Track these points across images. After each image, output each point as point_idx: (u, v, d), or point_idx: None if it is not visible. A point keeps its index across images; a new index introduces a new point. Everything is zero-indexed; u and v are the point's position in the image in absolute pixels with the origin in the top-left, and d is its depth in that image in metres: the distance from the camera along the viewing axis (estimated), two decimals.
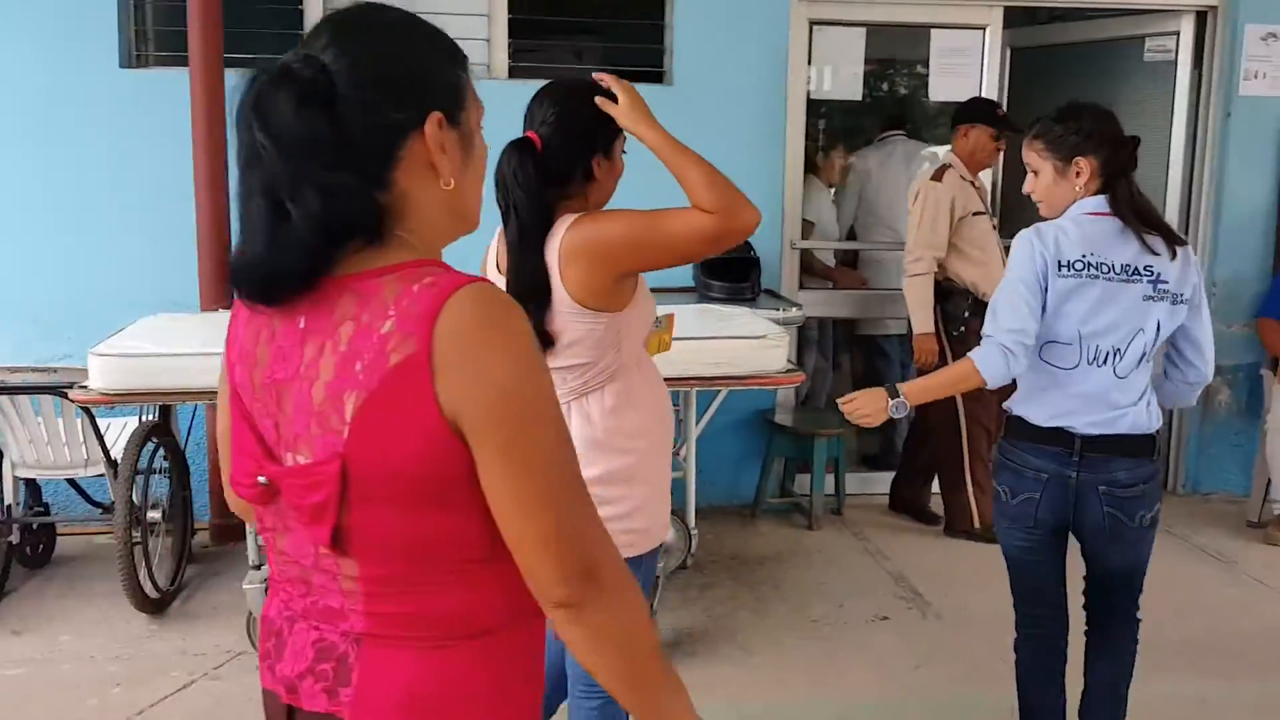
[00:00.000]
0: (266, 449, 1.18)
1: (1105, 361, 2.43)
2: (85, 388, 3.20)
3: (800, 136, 4.96)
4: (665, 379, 3.41)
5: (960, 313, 4.46)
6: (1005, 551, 2.67)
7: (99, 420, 3.81)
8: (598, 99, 2.03)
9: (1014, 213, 4.81)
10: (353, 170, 1.10)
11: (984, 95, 4.94)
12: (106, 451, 3.79)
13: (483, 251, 2.31)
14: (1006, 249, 4.49)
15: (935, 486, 4.83)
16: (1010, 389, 2.61)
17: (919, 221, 4.44)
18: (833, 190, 5.83)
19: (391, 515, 1.11)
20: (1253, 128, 5.11)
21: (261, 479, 1.17)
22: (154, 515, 3.85)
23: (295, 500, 1.14)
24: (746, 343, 3.46)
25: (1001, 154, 4.69)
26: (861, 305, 5.36)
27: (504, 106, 4.76)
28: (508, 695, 1.20)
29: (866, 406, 2.55)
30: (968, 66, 5.06)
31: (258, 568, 3.35)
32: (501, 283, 2.03)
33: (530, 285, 1.97)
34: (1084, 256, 2.42)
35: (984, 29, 5.05)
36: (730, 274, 4.53)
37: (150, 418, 3.93)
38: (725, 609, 3.91)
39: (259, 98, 1.09)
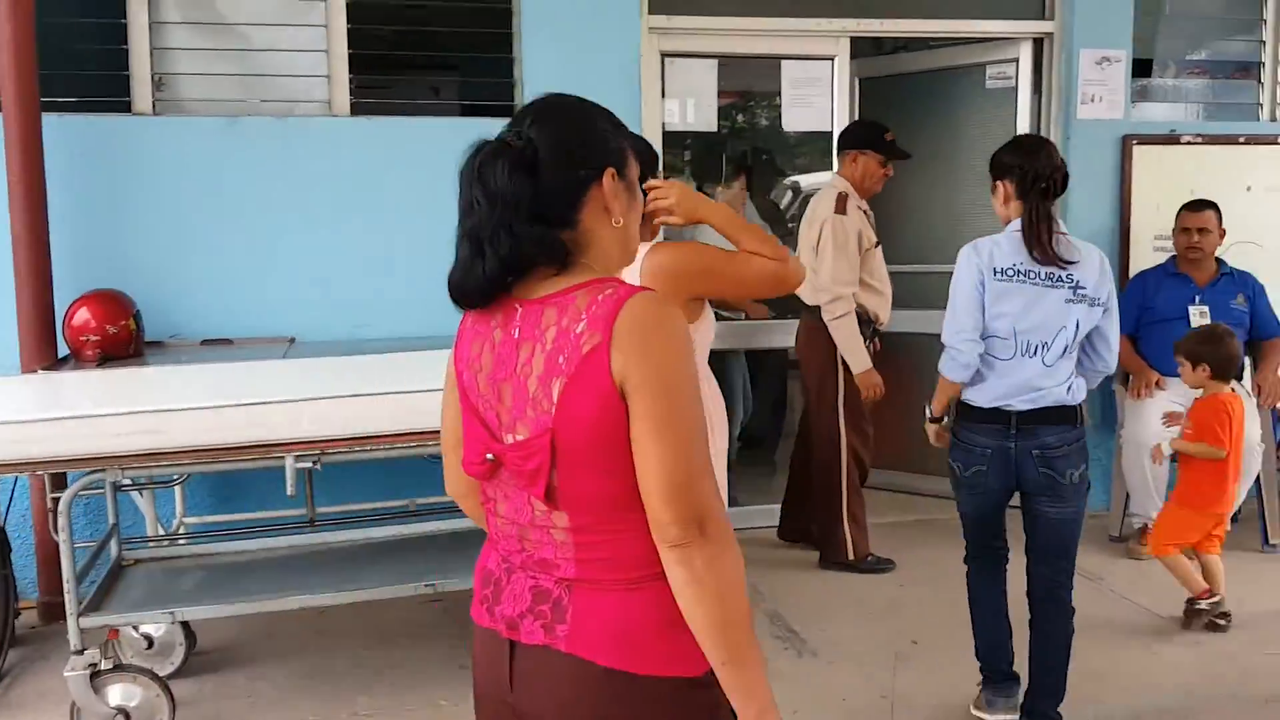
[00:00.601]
0: (491, 433, 1.53)
1: (1035, 353, 2.99)
2: None
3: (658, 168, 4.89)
4: None
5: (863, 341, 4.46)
6: (960, 509, 3.24)
7: None
8: (651, 204, 2.35)
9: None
10: (545, 219, 1.47)
11: (830, 123, 4.99)
12: None
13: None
14: None
15: None
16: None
17: (831, 259, 4.37)
18: None
19: (587, 473, 1.44)
20: (1092, 150, 5.25)
21: (489, 456, 1.52)
22: None
23: (516, 468, 1.48)
24: None
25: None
26: (731, 335, 5.29)
27: (348, 144, 4.61)
28: (683, 625, 1.43)
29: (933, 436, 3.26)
30: (818, 97, 5.08)
31: (80, 652, 3.06)
32: None
33: None
34: (1014, 265, 2.98)
35: (832, 59, 5.09)
36: None
37: None
38: None
39: (481, 165, 1.48)
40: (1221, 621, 3.93)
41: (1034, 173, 2.98)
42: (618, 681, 1.44)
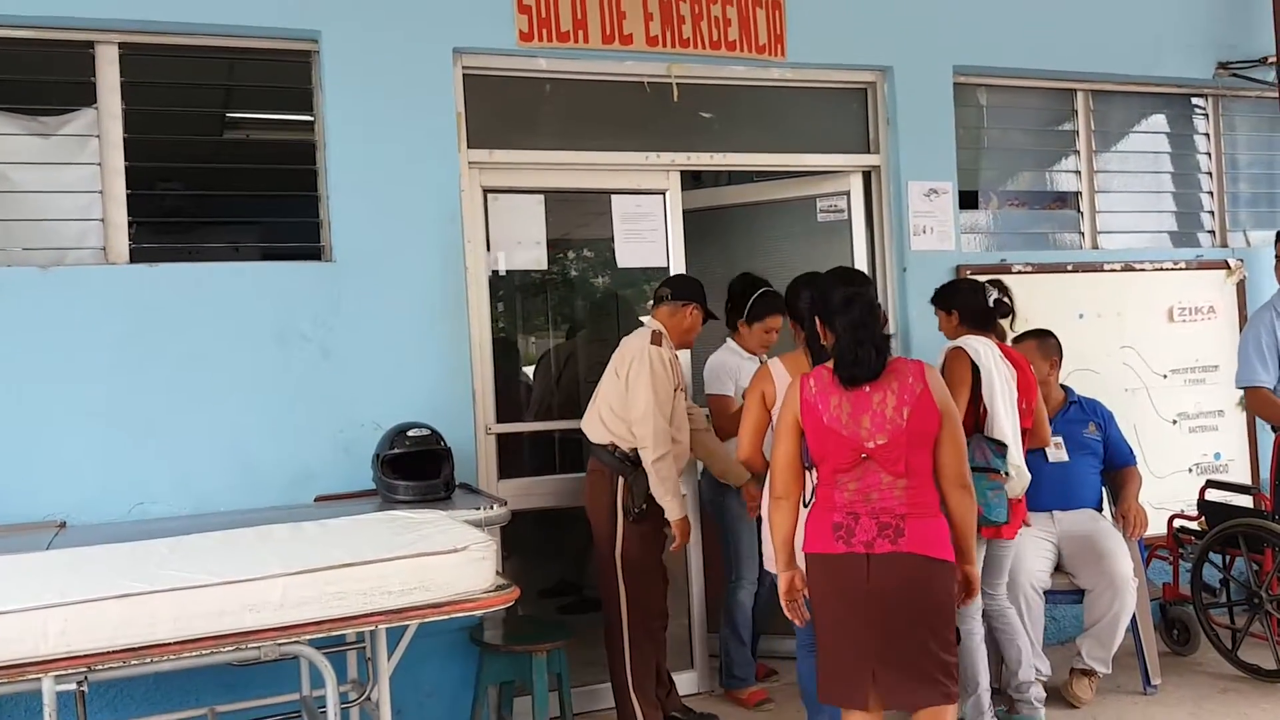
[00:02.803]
0: (855, 443, 2.98)
1: None
2: None
3: (485, 310, 4.49)
4: (332, 619, 2.68)
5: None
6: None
7: None
8: None
9: None
10: None
11: (665, 258, 4.78)
12: None
13: None
14: None
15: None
16: None
17: (651, 392, 4.00)
18: None
19: (919, 455, 2.98)
20: (929, 280, 5.09)
21: (863, 455, 2.98)
22: None
23: (884, 457, 2.97)
24: (443, 559, 2.83)
25: None
26: (572, 490, 4.82)
27: (127, 295, 4.02)
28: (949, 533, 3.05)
29: None
30: (652, 231, 4.83)
31: None
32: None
33: None
34: None
35: (664, 193, 4.86)
36: (417, 471, 3.89)
37: None
38: None
39: (866, 302, 3.09)
40: None
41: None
42: (932, 563, 2.94)
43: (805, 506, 3.16)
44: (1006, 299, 4.28)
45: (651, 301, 4.39)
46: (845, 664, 3.00)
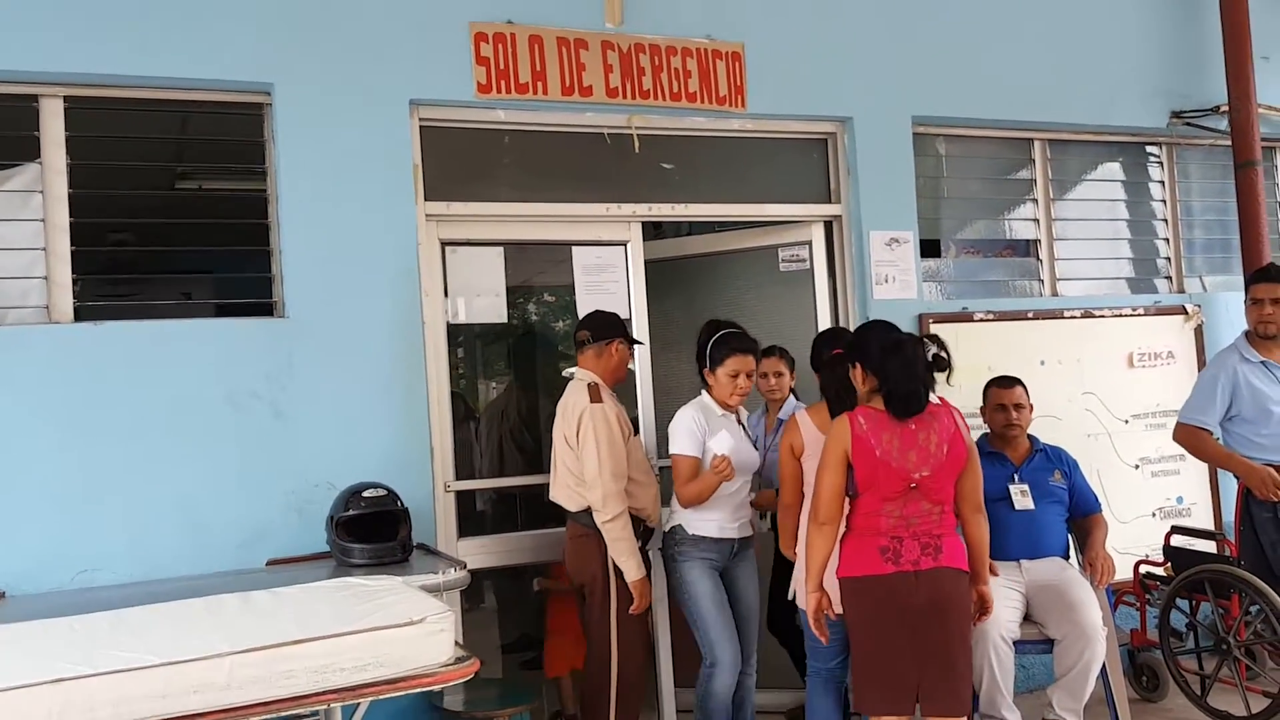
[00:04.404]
0: (904, 475, 3.39)
1: None
2: None
3: (444, 365, 4.41)
4: (281, 699, 2.56)
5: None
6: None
7: None
8: None
9: None
10: None
11: (627, 309, 4.71)
12: None
13: None
14: None
15: None
16: None
17: (597, 454, 3.94)
18: None
19: (951, 485, 3.48)
20: None
21: (912, 485, 3.39)
22: None
23: (929, 487, 3.41)
24: (399, 632, 2.72)
25: None
26: (534, 547, 4.73)
27: (71, 355, 3.89)
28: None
29: None
30: (614, 283, 4.78)
31: None
32: (820, 439, 3.67)
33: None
34: None
35: (625, 244, 4.82)
36: (373, 532, 3.79)
37: None
38: None
39: (914, 346, 3.52)
40: None
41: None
42: (962, 574, 3.48)
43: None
44: (944, 354, 3.94)
45: (575, 347, 4.28)
46: (893, 675, 3.39)
